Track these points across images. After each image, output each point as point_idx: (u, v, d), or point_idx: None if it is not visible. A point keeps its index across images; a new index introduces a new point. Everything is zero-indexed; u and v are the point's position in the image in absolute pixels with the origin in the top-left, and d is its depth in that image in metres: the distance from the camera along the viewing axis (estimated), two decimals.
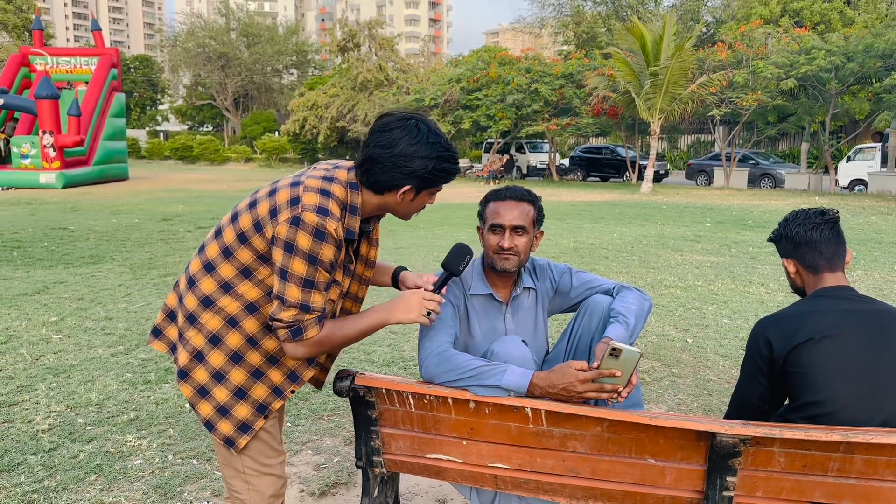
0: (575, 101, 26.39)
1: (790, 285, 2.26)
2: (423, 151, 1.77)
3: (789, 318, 2.05)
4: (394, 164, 1.77)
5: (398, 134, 1.77)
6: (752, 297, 6.70)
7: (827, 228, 2.12)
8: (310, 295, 1.74)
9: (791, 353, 1.98)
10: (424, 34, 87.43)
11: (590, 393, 1.87)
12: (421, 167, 1.78)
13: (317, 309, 1.76)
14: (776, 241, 2.23)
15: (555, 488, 2.01)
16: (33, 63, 23.68)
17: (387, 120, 1.82)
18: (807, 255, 2.13)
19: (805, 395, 1.97)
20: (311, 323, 1.77)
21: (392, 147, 1.76)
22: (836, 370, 1.94)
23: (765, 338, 2.05)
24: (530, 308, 2.34)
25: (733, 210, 15.99)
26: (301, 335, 1.77)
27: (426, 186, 1.84)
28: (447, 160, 1.81)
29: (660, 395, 4.16)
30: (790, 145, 33.60)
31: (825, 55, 20.92)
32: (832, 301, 2.05)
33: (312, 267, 1.72)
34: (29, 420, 3.63)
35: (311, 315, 1.76)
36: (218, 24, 49.66)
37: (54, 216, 12.93)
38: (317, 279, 1.74)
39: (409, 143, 1.76)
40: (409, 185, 1.80)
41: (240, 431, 1.87)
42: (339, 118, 35.28)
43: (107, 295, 6.50)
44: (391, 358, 4.74)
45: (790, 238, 2.16)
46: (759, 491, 1.87)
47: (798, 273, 2.17)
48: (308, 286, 1.73)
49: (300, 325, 1.76)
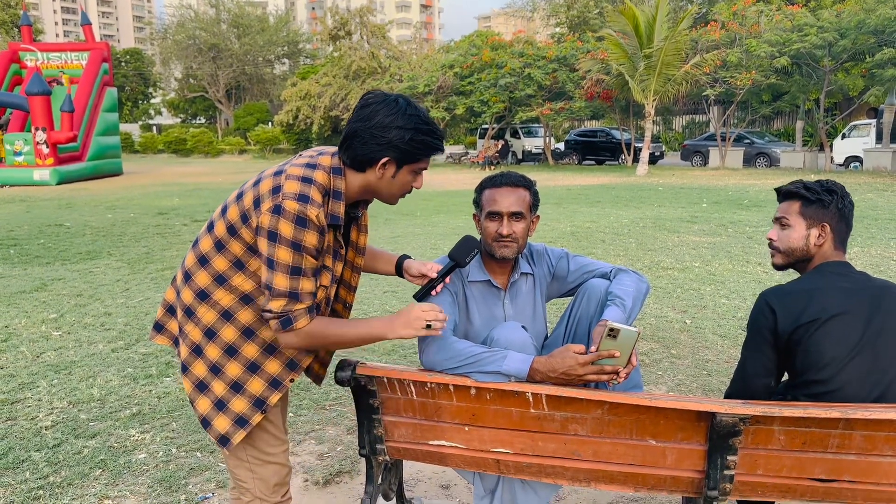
0: (568, 85, 26.30)
1: (793, 248, 2.14)
2: (400, 122, 1.77)
3: (795, 294, 2.04)
4: (371, 135, 1.77)
5: (376, 107, 1.78)
6: (750, 277, 6.72)
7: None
8: (298, 282, 1.75)
9: (796, 330, 1.98)
10: (416, 20, 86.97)
11: (590, 375, 1.88)
12: (397, 137, 1.77)
13: (305, 297, 1.77)
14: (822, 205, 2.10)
15: (557, 471, 2.03)
16: (23, 59, 23.54)
17: (367, 97, 1.83)
18: (842, 230, 2.12)
19: (808, 373, 1.98)
20: (301, 313, 1.77)
21: (370, 119, 1.77)
22: (840, 350, 1.95)
23: (770, 309, 2.03)
24: (528, 293, 2.34)
25: (729, 190, 16.00)
26: (291, 325, 1.77)
27: (406, 160, 1.82)
28: (425, 133, 1.80)
29: (659, 377, 4.18)
30: (785, 124, 33.54)
31: (818, 32, 20.85)
32: (836, 278, 2.05)
33: (297, 254, 1.73)
34: (32, 417, 3.64)
35: (300, 305, 1.77)
36: (208, 16, 49.32)
37: (50, 213, 12.90)
38: (303, 266, 1.75)
39: (385, 115, 1.77)
40: (387, 156, 1.79)
41: (237, 426, 1.87)
42: (333, 107, 35.16)
43: (105, 290, 6.50)
44: (391, 347, 4.76)
45: (842, 208, 2.11)
46: (759, 469, 1.89)
47: (823, 242, 2.10)
48: (295, 273, 1.74)
49: (289, 315, 1.76)
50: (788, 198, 2.19)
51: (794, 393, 2.03)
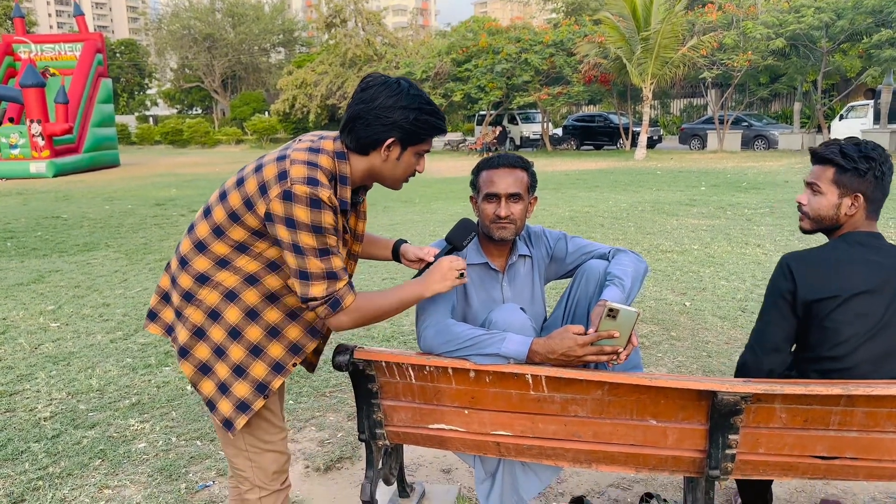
0: (566, 70, 26.18)
1: (823, 214, 2.04)
2: (403, 102, 1.76)
3: (819, 263, 1.96)
4: (375, 116, 1.76)
5: (378, 89, 1.77)
6: (749, 259, 6.70)
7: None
8: (329, 261, 1.74)
9: (816, 303, 1.92)
10: (412, 6, 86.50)
11: (589, 356, 1.86)
12: (402, 117, 1.76)
13: (341, 274, 1.77)
14: (858, 173, 1.98)
15: (558, 453, 2.02)
16: (17, 52, 23.38)
17: (368, 80, 1.82)
18: (878, 199, 2.01)
19: (821, 348, 1.94)
20: (345, 291, 1.78)
21: (372, 101, 1.76)
22: (858, 328, 1.90)
23: (790, 274, 1.96)
24: (527, 275, 2.33)
25: (728, 173, 15.96)
26: (340, 306, 1.77)
27: (410, 141, 1.81)
28: (429, 113, 1.80)
29: (659, 359, 4.18)
30: (783, 106, 33.45)
31: (814, 13, 20.75)
32: (864, 250, 1.96)
33: (320, 236, 1.72)
34: (31, 408, 3.63)
35: (341, 282, 1.77)
36: (202, 5, 48.95)
37: (47, 205, 12.86)
38: (329, 245, 1.74)
39: (388, 96, 1.76)
40: (392, 136, 1.78)
41: (238, 411, 1.85)
42: (329, 95, 35.00)
43: (103, 281, 6.48)
44: (391, 333, 4.75)
45: (878, 177, 1.98)
46: (761, 447, 1.88)
47: (856, 210, 1.99)
48: (324, 254, 1.73)
49: (335, 296, 1.76)
50: (822, 162, 2.05)
51: (803, 367, 2.00)
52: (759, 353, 2.02)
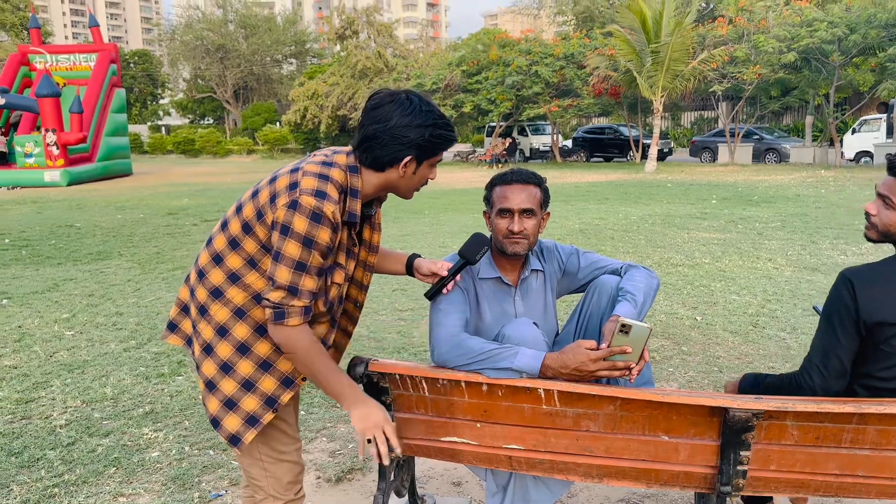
0: (576, 82, 26.24)
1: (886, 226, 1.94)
2: (418, 120, 1.79)
3: (882, 281, 1.86)
4: (392, 136, 1.78)
5: (390, 108, 1.79)
6: (760, 273, 6.69)
7: None
8: (300, 278, 1.74)
9: (878, 326, 1.83)
10: (422, 19, 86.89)
11: (602, 371, 1.88)
12: (418, 136, 1.79)
13: (304, 295, 1.76)
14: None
15: (569, 467, 2.03)
16: (33, 62, 23.66)
17: (377, 98, 1.83)
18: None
19: (875, 367, 1.89)
20: (297, 311, 1.76)
21: (387, 121, 1.78)
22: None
23: (851, 291, 1.84)
24: (539, 290, 2.35)
25: (739, 186, 15.93)
26: (283, 319, 1.76)
27: (426, 156, 1.84)
28: (442, 127, 1.83)
29: (670, 374, 4.18)
30: (794, 119, 33.37)
31: (827, 27, 20.74)
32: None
33: (307, 250, 1.73)
34: (46, 416, 3.67)
35: (298, 302, 1.76)
36: (215, 16, 49.43)
37: (61, 214, 12.98)
38: (309, 262, 1.74)
39: (402, 115, 1.78)
40: (410, 155, 1.81)
41: (247, 424, 1.87)
42: (340, 106, 35.19)
43: (116, 290, 6.54)
44: (401, 345, 4.77)
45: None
46: (773, 464, 1.89)
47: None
48: (299, 269, 1.74)
49: (285, 309, 1.75)
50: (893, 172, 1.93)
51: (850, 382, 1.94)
52: (826, 376, 1.90)
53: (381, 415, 1.88)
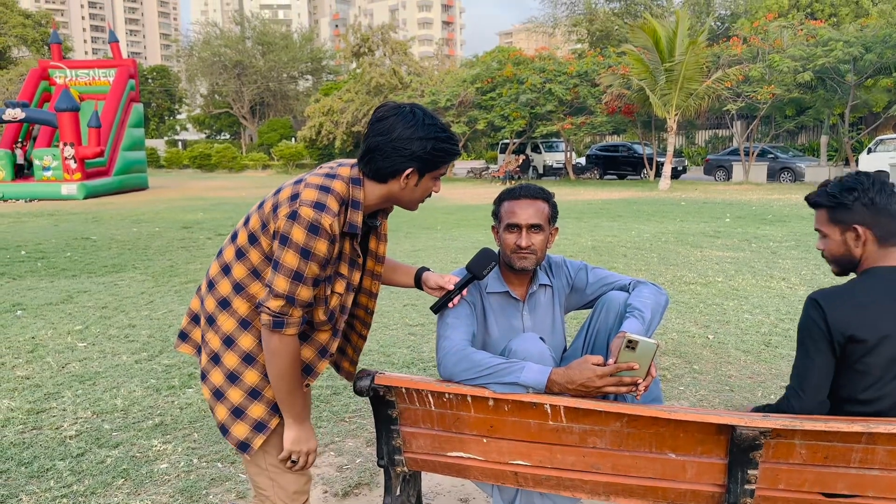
0: (589, 100, 26.30)
1: (836, 259, 2.04)
2: (420, 133, 1.80)
3: (845, 300, 1.90)
4: (393, 148, 1.80)
5: (394, 121, 1.81)
6: (774, 292, 6.64)
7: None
8: (297, 287, 1.76)
9: (849, 344, 1.87)
10: (438, 37, 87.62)
11: (608, 387, 1.87)
12: (420, 148, 1.80)
13: (300, 304, 1.79)
14: (845, 207, 1.98)
15: (576, 484, 2.02)
16: (53, 76, 24.06)
17: (382, 111, 1.86)
18: (884, 224, 1.95)
19: (854, 390, 1.91)
20: (295, 322, 1.79)
21: (389, 133, 1.80)
22: (887, 372, 1.86)
23: (821, 311, 1.89)
24: (547, 305, 2.35)
25: (753, 205, 15.86)
26: (282, 328, 1.78)
27: (428, 169, 1.85)
28: (445, 140, 1.84)
29: (681, 392, 4.14)
30: (809, 138, 33.24)
31: (843, 46, 20.70)
32: (889, 287, 1.91)
33: (304, 260, 1.75)
34: (57, 427, 3.69)
35: (296, 312, 1.79)
36: (233, 33, 50.12)
37: (76, 226, 13.11)
38: (306, 273, 1.76)
39: (405, 127, 1.80)
40: (411, 167, 1.82)
41: (255, 431, 1.90)
42: (355, 123, 35.44)
43: (129, 303, 6.59)
44: (410, 359, 4.77)
45: (871, 204, 1.95)
46: (781, 483, 1.87)
47: (864, 243, 1.97)
48: (296, 279, 1.76)
49: (284, 318, 1.78)
50: (815, 207, 2.09)
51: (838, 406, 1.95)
52: (804, 396, 1.94)
53: (313, 443, 1.96)
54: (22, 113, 21.01)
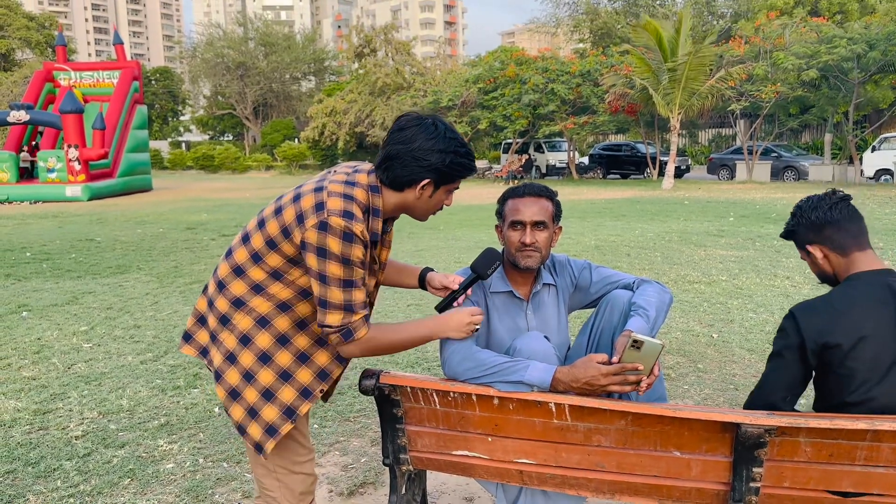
0: (592, 100, 26.27)
1: (818, 275, 2.15)
2: (441, 146, 1.83)
3: (820, 310, 1.96)
4: (413, 157, 1.83)
5: (415, 131, 1.84)
6: (778, 291, 6.64)
7: (844, 206, 2.08)
8: (351, 294, 1.81)
9: (824, 352, 1.92)
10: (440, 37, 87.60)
11: (613, 386, 1.88)
12: (438, 161, 1.84)
13: (359, 307, 1.83)
14: (793, 233, 2.16)
15: (580, 483, 2.02)
16: (57, 78, 24.14)
17: (404, 120, 1.88)
18: (833, 237, 2.05)
19: (840, 396, 1.93)
20: (359, 324, 1.84)
21: (410, 143, 1.83)
22: (871, 372, 1.88)
23: (795, 325, 1.96)
24: (551, 304, 2.35)
25: (757, 204, 15.83)
26: (352, 337, 1.84)
27: (444, 181, 1.89)
28: (463, 155, 1.88)
29: (685, 391, 4.14)
30: (813, 137, 33.16)
31: (847, 44, 20.64)
32: (868, 289, 1.95)
33: (347, 268, 1.78)
34: (63, 427, 3.71)
35: (357, 315, 1.83)
36: (236, 34, 50.14)
37: (81, 228, 13.15)
38: (354, 278, 1.80)
39: (426, 139, 1.83)
40: (428, 178, 1.85)
41: (267, 434, 1.90)
42: (358, 123, 35.48)
43: (134, 304, 6.61)
44: (415, 359, 4.77)
45: (810, 224, 2.08)
46: (786, 481, 1.87)
47: (827, 258, 2.07)
48: (348, 286, 1.80)
49: (349, 327, 1.82)
50: (787, 238, 2.25)
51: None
52: (758, 400, 2.05)
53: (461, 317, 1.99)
54: (26, 115, 21.08)
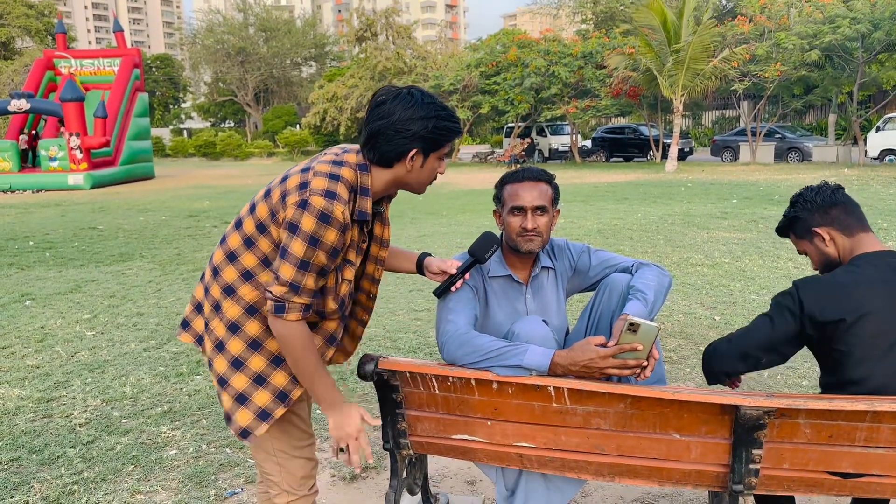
0: (594, 83, 26.11)
1: (821, 264, 2.13)
2: (421, 112, 1.80)
3: (824, 286, 1.96)
4: (395, 131, 1.80)
5: (393, 104, 1.81)
6: (781, 273, 6.62)
7: (840, 192, 2.10)
8: (302, 277, 1.76)
9: (824, 327, 1.91)
10: (441, 20, 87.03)
11: (612, 369, 1.87)
12: (421, 128, 1.81)
13: (304, 293, 1.78)
14: (796, 220, 2.14)
15: (580, 465, 2.03)
16: (58, 66, 24.05)
17: (380, 96, 1.85)
18: (840, 217, 2.06)
19: (842, 373, 1.92)
20: (296, 307, 1.78)
21: (390, 116, 1.80)
22: (873, 349, 1.88)
23: (796, 293, 1.96)
24: (550, 288, 2.34)
25: (760, 185, 15.77)
26: (282, 313, 1.78)
27: (432, 148, 1.86)
28: (445, 118, 1.84)
29: (687, 374, 4.15)
30: (817, 117, 32.95)
31: (850, 23, 20.44)
32: (870, 269, 1.95)
33: (311, 249, 1.74)
34: (67, 414, 3.73)
35: (298, 299, 1.78)
36: (236, 20, 49.81)
37: (84, 216, 13.16)
38: (313, 261, 1.76)
39: (404, 109, 1.80)
40: (415, 148, 1.83)
41: (259, 419, 1.89)
42: (359, 108, 35.33)
43: (137, 291, 6.62)
44: (417, 344, 4.78)
45: (817, 207, 2.08)
46: (785, 463, 1.87)
47: (833, 241, 2.06)
48: (303, 267, 1.76)
49: (285, 303, 1.78)
50: (783, 234, 2.25)
51: (828, 391, 1.98)
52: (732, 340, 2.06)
53: (355, 424, 1.91)
54: (27, 104, 21.01)
